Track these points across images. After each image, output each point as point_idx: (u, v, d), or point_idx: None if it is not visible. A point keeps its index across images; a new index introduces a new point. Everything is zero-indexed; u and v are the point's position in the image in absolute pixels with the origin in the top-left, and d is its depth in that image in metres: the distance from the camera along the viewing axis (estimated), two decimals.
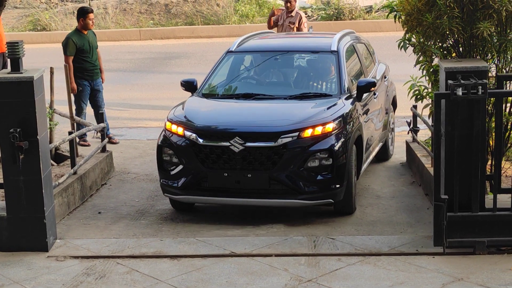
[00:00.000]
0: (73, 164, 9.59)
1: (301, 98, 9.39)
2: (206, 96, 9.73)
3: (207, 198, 8.84)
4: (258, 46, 10.72)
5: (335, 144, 8.63)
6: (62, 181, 9.09)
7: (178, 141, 8.85)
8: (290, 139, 8.55)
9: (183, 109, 9.32)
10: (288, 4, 14.44)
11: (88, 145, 11.70)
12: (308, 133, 8.61)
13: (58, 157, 10.56)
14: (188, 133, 8.79)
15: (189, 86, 9.93)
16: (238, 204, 9.00)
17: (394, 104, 11.73)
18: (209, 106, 9.48)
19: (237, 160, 8.57)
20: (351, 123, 9.01)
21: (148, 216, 9.17)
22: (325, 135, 8.64)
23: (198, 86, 9.94)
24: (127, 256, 7.77)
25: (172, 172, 8.88)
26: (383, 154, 11.26)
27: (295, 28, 14.36)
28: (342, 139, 8.72)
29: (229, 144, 8.56)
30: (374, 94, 10.25)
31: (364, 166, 9.73)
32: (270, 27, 14.73)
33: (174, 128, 8.95)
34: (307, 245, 7.94)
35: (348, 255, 7.63)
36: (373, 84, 9.64)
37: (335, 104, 9.11)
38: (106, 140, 11.02)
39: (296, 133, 8.58)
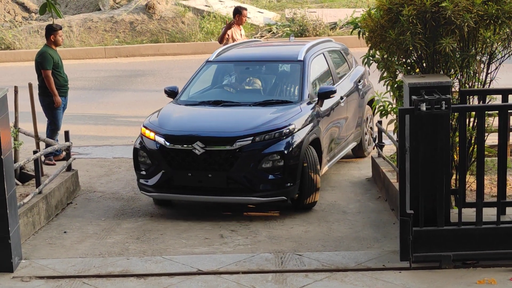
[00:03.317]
0: (38, 184, 9.52)
1: (264, 105, 10.10)
2: (181, 103, 10.55)
3: (175, 196, 9.70)
4: (234, 56, 11.43)
5: (287, 147, 9.36)
6: (27, 200, 9.01)
7: (150, 144, 9.70)
8: (245, 143, 9.32)
9: (157, 116, 10.12)
10: (245, 19, 14.66)
11: (54, 164, 11.61)
12: (262, 137, 9.37)
13: (23, 177, 10.46)
14: (158, 138, 9.61)
15: (172, 93, 10.80)
16: (201, 201, 9.83)
17: (371, 104, 12.05)
18: (180, 112, 10.23)
19: (199, 162, 9.39)
20: (306, 127, 9.61)
21: (114, 235, 9.12)
22: (278, 139, 9.38)
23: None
24: (93, 276, 7.72)
25: (146, 173, 9.74)
26: (359, 152, 12.07)
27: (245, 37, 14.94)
28: (295, 143, 9.44)
29: (192, 147, 9.31)
30: (341, 98, 10.83)
31: (328, 165, 10.43)
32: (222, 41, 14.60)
33: (147, 133, 9.80)
34: (274, 261, 7.94)
35: (315, 271, 7.64)
36: (333, 91, 10.33)
37: (292, 110, 9.78)
38: (72, 159, 10.94)
39: (251, 138, 9.34)
